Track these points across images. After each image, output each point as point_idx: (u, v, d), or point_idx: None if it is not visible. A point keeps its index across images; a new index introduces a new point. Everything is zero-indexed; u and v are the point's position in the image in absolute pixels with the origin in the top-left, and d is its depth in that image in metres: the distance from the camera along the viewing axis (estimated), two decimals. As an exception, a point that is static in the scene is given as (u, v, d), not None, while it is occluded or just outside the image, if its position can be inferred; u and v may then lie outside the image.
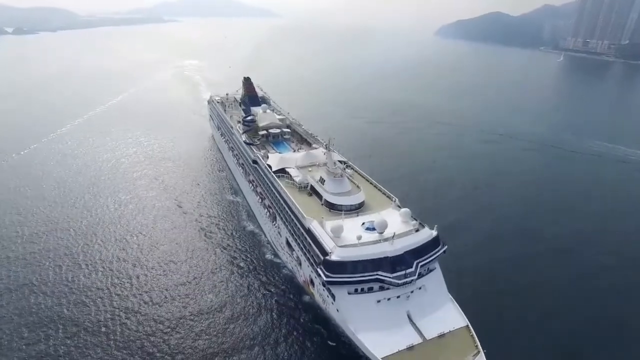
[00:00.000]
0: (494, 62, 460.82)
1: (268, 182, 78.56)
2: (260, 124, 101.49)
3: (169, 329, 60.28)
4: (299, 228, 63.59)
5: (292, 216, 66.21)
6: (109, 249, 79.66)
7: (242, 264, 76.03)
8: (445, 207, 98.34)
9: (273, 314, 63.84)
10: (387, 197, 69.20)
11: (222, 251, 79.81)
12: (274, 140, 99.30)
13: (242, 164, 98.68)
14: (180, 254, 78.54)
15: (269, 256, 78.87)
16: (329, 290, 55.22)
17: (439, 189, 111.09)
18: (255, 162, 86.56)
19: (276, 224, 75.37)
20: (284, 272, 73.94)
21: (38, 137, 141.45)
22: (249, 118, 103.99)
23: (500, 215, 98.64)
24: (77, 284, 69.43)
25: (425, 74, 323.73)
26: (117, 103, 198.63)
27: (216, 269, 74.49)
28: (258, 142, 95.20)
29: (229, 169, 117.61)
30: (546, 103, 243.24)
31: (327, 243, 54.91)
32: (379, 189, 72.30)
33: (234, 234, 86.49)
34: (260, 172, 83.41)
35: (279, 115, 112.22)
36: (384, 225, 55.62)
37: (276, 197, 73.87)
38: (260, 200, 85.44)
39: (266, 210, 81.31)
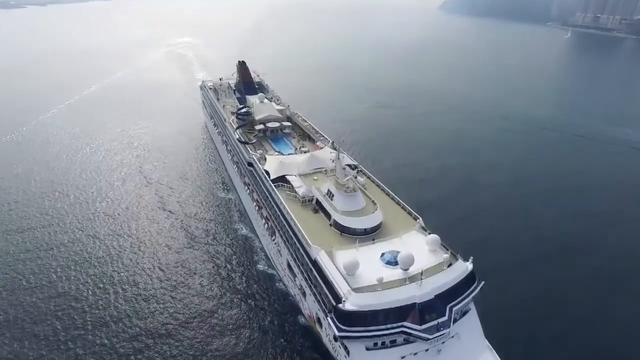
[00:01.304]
0: (494, 38, 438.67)
1: (266, 191, 67.00)
2: (257, 117, 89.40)
3: (144, 346, 52.26)
4: (303, 255, 52.66)
5: (294, 239, 55.14)
6: (78, 251, 70.66)
7: (229, 274, 66.59)
8: (457, 210, 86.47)
9: (259, 334, 54.93)
10: (408, 213, 57.70)
11: (207, 258, 70.23)
12: (272, 135, 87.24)
13: (237, 162, 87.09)
14: (159, 259, 69.37)
15: (261, 266, 69.14)
16: (342, 342, 44.72)
17: (446, 187, 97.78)
18: (250, 164, 74.80)
19: (275, 240, 64.35)
20: (278, 287, 64.37)
21: (16, 125, 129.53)
22: (243, 110, 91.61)
23: (534, 222, 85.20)
24: (38, 294, 60.85)
25: (425, 54, 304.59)
26: (103, 86, 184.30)
27: (199, 278, 65.28)
28: (254, 140, 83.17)
29: (222, 162, 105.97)
30: (549, 85, 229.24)
31: (340, 285, 43.89)
32: (397, 202, 60.38)
33: (222, 238, 76.54)
34: (257, 177, 71.77)
35: (277, 105, 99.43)
36: (409, 261, 44.54)
37: (275, 211, 62.52)
38: (257, 208, 74.21)
39: (264, 221, 70.20)
